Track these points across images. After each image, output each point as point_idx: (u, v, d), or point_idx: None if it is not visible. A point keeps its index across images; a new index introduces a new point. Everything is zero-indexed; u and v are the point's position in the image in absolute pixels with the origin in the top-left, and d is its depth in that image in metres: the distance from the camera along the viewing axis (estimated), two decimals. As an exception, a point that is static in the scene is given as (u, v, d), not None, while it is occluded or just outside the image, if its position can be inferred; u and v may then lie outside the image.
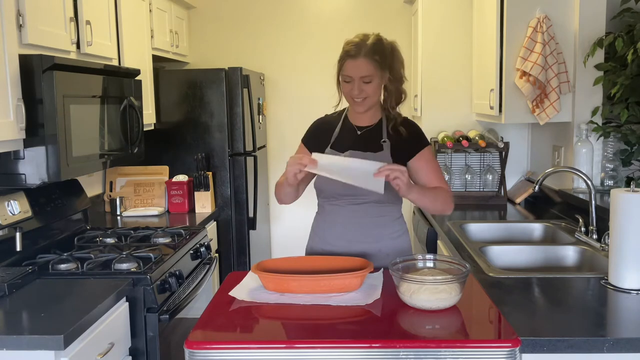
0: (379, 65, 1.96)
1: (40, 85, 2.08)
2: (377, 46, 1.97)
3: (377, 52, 1.96)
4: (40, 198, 2.50)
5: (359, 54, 1.95)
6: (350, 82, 1.98)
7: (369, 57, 1.95)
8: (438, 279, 1.58)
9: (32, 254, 2.31)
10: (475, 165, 3.60)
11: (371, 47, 1.96)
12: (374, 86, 1.99)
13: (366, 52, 1.95)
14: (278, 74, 4.50)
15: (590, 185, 2.35)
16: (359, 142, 2.06)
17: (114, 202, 3.35)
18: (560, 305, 1.70)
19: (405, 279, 1.60)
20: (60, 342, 1.60)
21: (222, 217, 3.68)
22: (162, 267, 2.27)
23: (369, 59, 1.95)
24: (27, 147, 2.11)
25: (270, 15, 4.45)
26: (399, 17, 4.38)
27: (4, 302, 1.87)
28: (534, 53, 2.77)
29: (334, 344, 1.38)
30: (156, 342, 2.14)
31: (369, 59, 1.95)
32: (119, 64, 2.90)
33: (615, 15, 2.76)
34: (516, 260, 2.39)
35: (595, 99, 2.81)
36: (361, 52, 1.95)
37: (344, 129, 2.11)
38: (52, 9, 2.25)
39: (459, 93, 3.72)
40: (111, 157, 2.61)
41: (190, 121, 3.67)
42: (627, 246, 1.73)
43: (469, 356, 1.35)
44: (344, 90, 2.03)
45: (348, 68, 1.97)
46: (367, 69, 1.95)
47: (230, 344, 1.39)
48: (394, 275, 1.65)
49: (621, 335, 1.46)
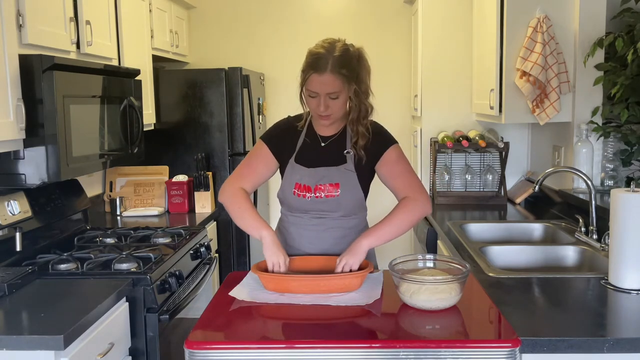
0: (346, 79, 1.84)
1: (40, 85, 2.08)
2: (344, 58, 1.83)
3: (344, 64, 1.83)
4: (40, 198, 2.50)
5: (325, 68, 1.81)
6: (316, 97, 1.87)
7: (336, 72, 1.81)
8: (438, 279, 1.59)
9: (32, 254, 2.31)
10: (475, 165, 3.59)
11: (338, 59, 1.82)
12: (341, 102, 1.88)
13: (333, 66, 1.81)
14: (278, 74, 4.50)
15: (590, 185, 2.35)
16: (323, 154, 1.99)
17: (114, 202, 3.35)
18: (560, 305, 1.70)
19: (405, 279, 1.61)
20: (60, 342, 1.60)
21: (222, 217, 3.68)
22: (162, 267, 2.27)
23: (335, 74, 1.81)
24: (27, 147, 2.11)
25: (270, 16, 4.45)
26: (399, 17, 4.38)
27: (4, 302, 1.87)
28: (534, 53, 2.77)
29: (334, 344, 1.38)
30: (156, 342, 2.14)
31: (335, 74, 1.81)
32: (119, 64, 2.90)
33: (615, 15, 2.76)
34: (516, 260, 2.39)
35: (595, 99, 2.81)
36: (328, 66, 1.81)
37: (307, 139, 2.02)
38: (52, 9, 2.25)
39: (459, 93, 3.71)
40: (111, 157, 2.61)
41: (190, 121, 3.67)
42: (627, 246, 1.73)
43: (469, 356, 1.35)
44: (309, 105, 1.92)
45: (313, 83, 1.84)
46: (333, 85, 1.83)
47: (230, 344, 1.39)
48: (393, 275, 1.65)
49: (621, 335, 1.46)
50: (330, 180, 1.95)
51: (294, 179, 1.99)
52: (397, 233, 1.88)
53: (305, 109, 2.00)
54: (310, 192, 1.96)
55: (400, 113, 4.43)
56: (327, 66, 1.81)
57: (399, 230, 1.88)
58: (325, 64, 1.81)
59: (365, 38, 4.49)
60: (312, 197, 1.96)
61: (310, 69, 1.84)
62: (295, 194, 1.98)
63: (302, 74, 1.87)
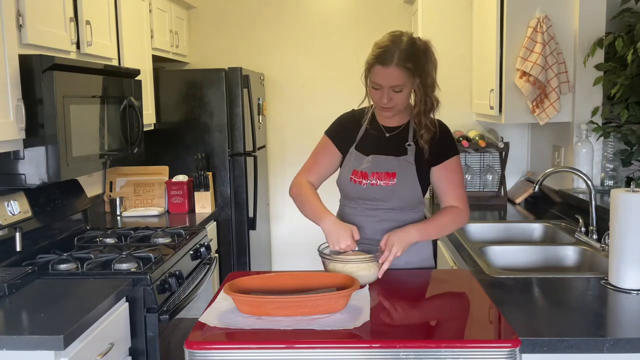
0: (411, 73, 1.84)
1: (40, 86, 2.08)
2: (410, 52, 1.82)
3: (410, 58, 1.82)
4: (40, 198, 2.50)
5: (390, 61, 1.80)
6: (379, 89, 1.87)
7: (401, 66, 1.81)
8: (359, 258, 1.77)
9: (32, 254, 2.31)
10: (475, 165, 3.59)
11: (404, 53, 1.81)
12: (404, 95, 1.89)
13: (398, 60, 1.80)
14: (278, 74, 4.50)
15: (590, 185, 2.35)
16: (385, 144, 2.00)
17: (114, 202, 3.35)
18: (560, 306, 1.70)
19: (332, 259, 1.79)
20: (60, 342, 1.59)
21: (222, 217, 3.68)
22: (162, 267, 2.27)
23: (400, 67, 1.81)
24: (27, 147, 2.11)
25: (270, 15, 4.45)
26: (399, 17, 4.38)
27: (4, 302, 1.87)
28: (534, 53, 2.77)
29: (334, 344, 1.37)
30: (156, 342, 2.14)
31: (400, 67, 1.81)
32: (119, 64, 2.90)
33: (615, 15, 2.76)
34: (516, 260, 2.39)
35: (595, 99, 2.81)
36: (393, 59, 1.80)
37: (371, 129, 2.03)
38: (52, 9, 2.25)
39: (459, 93, 3.71)
40: (111, 157, 2.61)
41: (190, 121, 3.67)
42: (627, 246, 1.73)
43: (469, 356, 1.35)
44: (372, 97, 1.93)
45: (377, 76, 1.84)
46: (397, 79, 1.83)
47: (230, 344, 1.39)
48: (322, 257, 1.81)
49: (621, 336, 1.46)
50: (388, 169, 1.96)
51: (353, 166, 2.00)
52: (438, 235, 1.99)
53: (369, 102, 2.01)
54: (367, 179, 1.97)
55: (400, 113, 4.42)
56: (392, 59, 1.81)
57: (441, 234, 1.99)
58: (390, 56, 1.81)
59: (365, 38, 4.47)
60: (368, 184, 1.96)
61: (376, 61, 1.84)
62: (352, 179, 1.99)
63: (367, 64, 1.87)
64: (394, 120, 2.02)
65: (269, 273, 1.76)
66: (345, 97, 4.31)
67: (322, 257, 1.84)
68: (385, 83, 1.85)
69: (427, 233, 1.94)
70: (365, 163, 1.98)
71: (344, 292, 1.53)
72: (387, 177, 1.95)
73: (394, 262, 1.82)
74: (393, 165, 1.96)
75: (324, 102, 4.45)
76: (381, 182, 1.95)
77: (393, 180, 1.95)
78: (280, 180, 4.58)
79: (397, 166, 1.96)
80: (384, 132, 2.02)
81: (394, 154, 1.97)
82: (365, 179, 1.97)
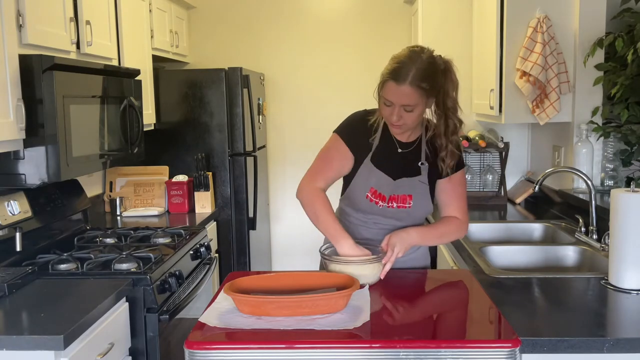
0: (425, 93, 1.75)
1: (40, 85, 2.08)
2: (427, 71, 1.73)
3: (427, 78, 1.73)
4: (40, 198, 2.50)
5: (405, 79, 1.71)
6: (391, 106, 1.78)
7: (415, 85, 1.72)
8: (361, 259, 1.76)
9: (32, 254, 2.31)
10: (475, 165, 3.59)
11: (420, 72, 1.72)
12: (415, 115, 1.79)
13: (413, 79, 1.71)
14: (278, 74, 4.50)
15: (590, 185, 2.35)
16: (400, 162, 1.93)
17: (114, 202, 3.35)
18: (560, 306, 1.70)
19: (333, 261, 1.77)
20: (60, 342, 1.59)
21: (222, 217, 3.68)
22: (162, 267, 2.27)
23: (414, 86, 1.72)
24: (27, 147, 2.11)
25: (270, 15, 4.45)
26: (399, 17, 4.38)
27: (4, 302, 1.87)
28: (534, 53, 2.77)
29: (333, 344, 1.37)
30: (156, 342, 2.14)
31: (414, 86, 1.72)
32: (119, 64, 2.90)
33: (615, 15, 2.76)
34: (516, 260, 2.39)
35: (595, 99, 2.81)
36: (408, 77, 1.71)
37: (384, 140, 1.94)
38: (52, 9, 2.25)
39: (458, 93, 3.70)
40: (111, 157, 2.61)
41: (190, 121, 3.67)
42: (627, 246, 1.73)
43: (469, 356, 1.35)
44: (383, 112, 1.84)
45: (390, 92, 1.76)
46: (410, 98, 1.74)
47: (230, 344, 1.39)
48: (323, 259, 1.80)
49: (621, 336, 1.46)
50: (405, 191, 1.92)
51: (370, 183, 1.92)
52: (436, 243, 1.99)
53: None
54: (384, 202, 1.92)
55: (400, 113, 4.42)
56: (407, 77, 1.71)
57: (440, 241, 2.00)
58: (406, 74, 1.72)
59: (366, 38, 4.50)
60: (385, 206, 1.93)
61: (389, 77, 1.75)
62: (368, 197, 1.92)
63: (382, 77, 1.79)
64: (406, 136, 1.95)
65: (269, 273, 1.76)
66: (346, 97, 4.35)
67: (324, 258, 1.82)
68: (397, 101, 1.76)
69: (428, 238, 1.95)
70: (386, 185, 1.92)
71: (344, 292, 1.53)
72: (404, 201, 1.92)
73: None
74: (409, 188, 1.93)
75: (324, 102, 4.45)
76: (397, 204, 1.93)
77: (410, 203, 1.92)
78: (280, 180, 4.58)
79: (412, 188, 1.92)
80: (397, 147, 1.95)
81: (408, 174, 1.93)
82: (382, 201, 1.92)
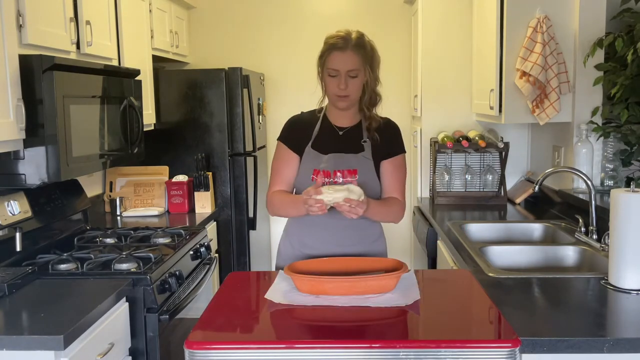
0: (364, 60, 1.97)
1: (40, 86, 2.08)
2: (361, 41, 1.98)
3: (362, 46, 1.97)
4: (40, 198, 2.50)
5: (346, 46, 1.95)
6: (337, 76, 1.98)
7: (356, 51, 1.96)
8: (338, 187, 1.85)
9: (32, 254, 2.31)
10: (475, 165, 3.59)
11: (357, 40, 1.97)
12: (359, 82, 1.99)
13: (353, 45, 1.95)
14: (278, 74, 4.50)
15: (590, 185, 2.35)
16: (341, 142, 2.06)
17: (113, 202, 3.35)
18: (560, 306, 1.70)
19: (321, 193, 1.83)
20: (60, 342, 1.60)
21: (222, 217, 3.68)
22: (162, 267, 2.27)
23: (355, 52, 1.96)
24: (27, 147, 2.11)
25: (270, 16, 4.45)
26: (399, 17, 4.38)
27: (4, 302, 1.87)
28: (534, 53, 2.77)
29: (333, 344, 1.38)
30: (156, 342, 2.14)
31: (355, 52, 1.96)
32: (119, 64, 2.90)
33: (615, 16, 2.76)
34: (516, 260, 2.39)
35: (595, 99, 2.81)
36: (348, 44, 1.95)
37: (324, 128, 2.09)
38: (52, 9, 2.25)
39: (459, 93, 3.71)
40: (111, 157, 2.61)
41: (190, 121, 3.67)
42: (627, 246, 1.73)
43: (468, 356, 1.35)
44: (329, 86, 2.02)
45: (335, 61, 1.97)
46: (353, 62, 1.95)
47: (230, 344, 1.39)
48: None
49: (621, 336, 1.46)
50: (349, 166, 2.01)
51: (312, 165, 2.03)
52: (381, 218, 2.05)
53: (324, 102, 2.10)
54: (329, 177, 2.00)
55: (400, 113, 4.41)
56: (348, 44, 1.96)
57: (384, 219, 2.06)
58: (346, 43, 1.96)
59: (365, 38, 4.50)
60: (331, 182, 1.99)
61: (332, 48, 1.97)
62: (313, 179, 2.01)
63: (321, 58, 2.01)
64: (347, 120, 2.09)
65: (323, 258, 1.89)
66: (345, 97, 4.35)
67: None
68: (343, 67, 1.95)
69: (375, 211, 1.96)
70: (325, 162, 2.02)
71: (395, 274, 1.69)
72: (350, 175, 2.00)
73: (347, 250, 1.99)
74: (353, 163, 2.02)
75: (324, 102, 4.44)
76: (344, 179, 1.99)
77: (355, 177, 1.99)
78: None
79: (356, 163, 2.02)
80: (337, 131, 2.08)
81: (351, 151, 2.03)
82: (327, 178, 1.99)
